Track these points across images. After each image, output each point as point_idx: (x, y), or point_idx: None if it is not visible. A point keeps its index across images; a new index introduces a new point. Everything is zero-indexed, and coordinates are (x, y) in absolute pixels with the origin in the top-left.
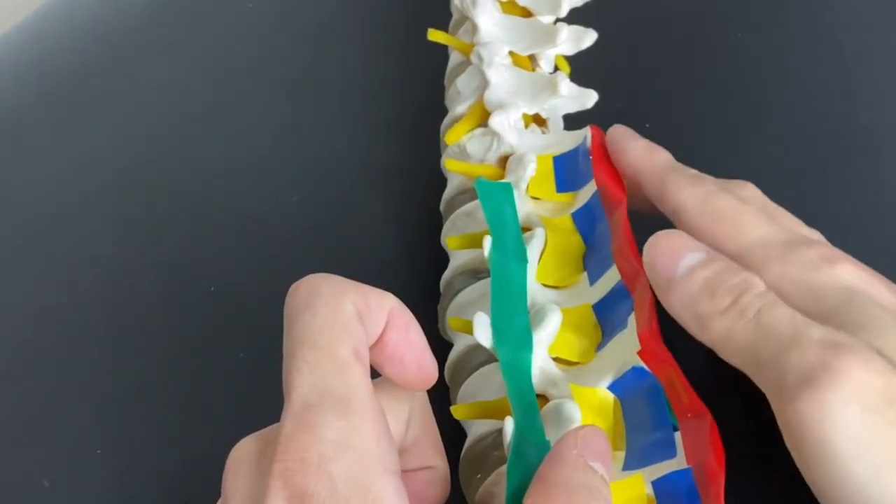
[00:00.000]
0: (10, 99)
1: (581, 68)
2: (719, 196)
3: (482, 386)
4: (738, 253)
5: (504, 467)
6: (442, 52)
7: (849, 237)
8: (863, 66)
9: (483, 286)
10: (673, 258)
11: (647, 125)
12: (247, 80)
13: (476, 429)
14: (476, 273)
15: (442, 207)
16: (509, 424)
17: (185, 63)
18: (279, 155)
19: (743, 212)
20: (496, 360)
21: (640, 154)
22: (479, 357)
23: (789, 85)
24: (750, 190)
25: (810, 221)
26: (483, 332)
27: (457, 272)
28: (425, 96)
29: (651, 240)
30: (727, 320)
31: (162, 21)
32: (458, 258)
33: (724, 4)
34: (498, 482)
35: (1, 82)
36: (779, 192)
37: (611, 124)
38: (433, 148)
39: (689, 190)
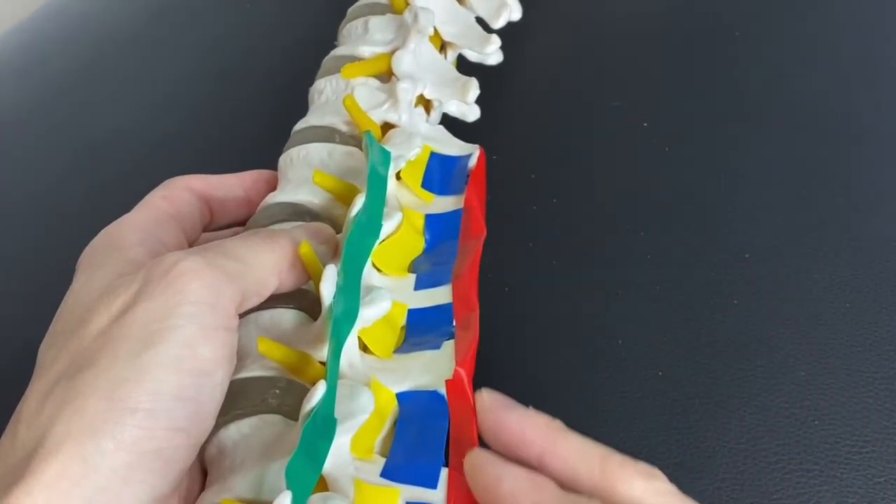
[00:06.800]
0: (11, 98)
1: (580, 67)
2: None
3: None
4: None
5: (267, 416)
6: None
7: (847, 235)
8: (862, 65)
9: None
10: None
11: (645, 124)
12: (246, 81)
13: (246, 372)
14: (298, 212)
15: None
16: (321, 388)
17: (184, 63)
18: (278, 156)
19: None
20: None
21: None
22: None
23: (788, 84)
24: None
25: (809, 220)
26: (329, 286)
27: (285, 205)
28: None
29: None
30: None
31: (161, 21)
32: (287, 192)
33: (722, 4)
34: (251, 433)
35: (1, 82)
36: (777, 191)
37: (608, 123)
38: None
39: None
